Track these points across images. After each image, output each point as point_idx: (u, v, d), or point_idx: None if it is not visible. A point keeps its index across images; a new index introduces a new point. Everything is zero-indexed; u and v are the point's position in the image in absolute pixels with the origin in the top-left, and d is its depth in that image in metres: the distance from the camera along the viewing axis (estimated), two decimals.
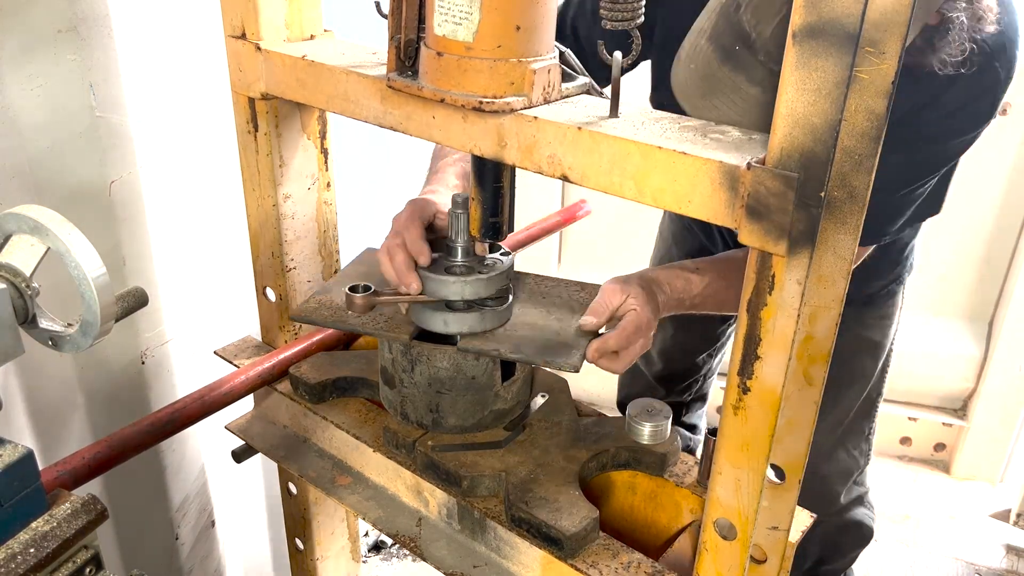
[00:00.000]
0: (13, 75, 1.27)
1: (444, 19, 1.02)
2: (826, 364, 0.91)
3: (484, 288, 1.24)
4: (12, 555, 0.86)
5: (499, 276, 1.26)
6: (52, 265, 0.89)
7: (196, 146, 1.65)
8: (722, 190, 0.89)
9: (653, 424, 1.27)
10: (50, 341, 0.94)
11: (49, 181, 1.37)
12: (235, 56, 1.33)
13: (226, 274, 1.80)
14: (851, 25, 0.75)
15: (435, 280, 1.23)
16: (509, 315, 1.30)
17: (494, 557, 1.24)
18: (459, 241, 1.26)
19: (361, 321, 1.30)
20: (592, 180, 1.00)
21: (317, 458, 1.44)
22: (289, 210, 1.46)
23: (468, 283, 1.23)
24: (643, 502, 1.33)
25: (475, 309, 1.25)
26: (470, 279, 1.23)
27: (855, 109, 0.78)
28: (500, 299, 1.28)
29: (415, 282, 1.24)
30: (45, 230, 0.87)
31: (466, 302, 1.25)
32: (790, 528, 1.02)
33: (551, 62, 1.06)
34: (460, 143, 1.10)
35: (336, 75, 1.21)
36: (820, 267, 0.86)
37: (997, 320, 2.96)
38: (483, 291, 1.24)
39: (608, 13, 0.96)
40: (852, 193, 0.82)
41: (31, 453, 0.89)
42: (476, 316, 1.25)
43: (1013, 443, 3.03)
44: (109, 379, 1.59)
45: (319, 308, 1.35)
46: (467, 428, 1.31)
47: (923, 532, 2.85)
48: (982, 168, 2.77)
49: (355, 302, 1.20)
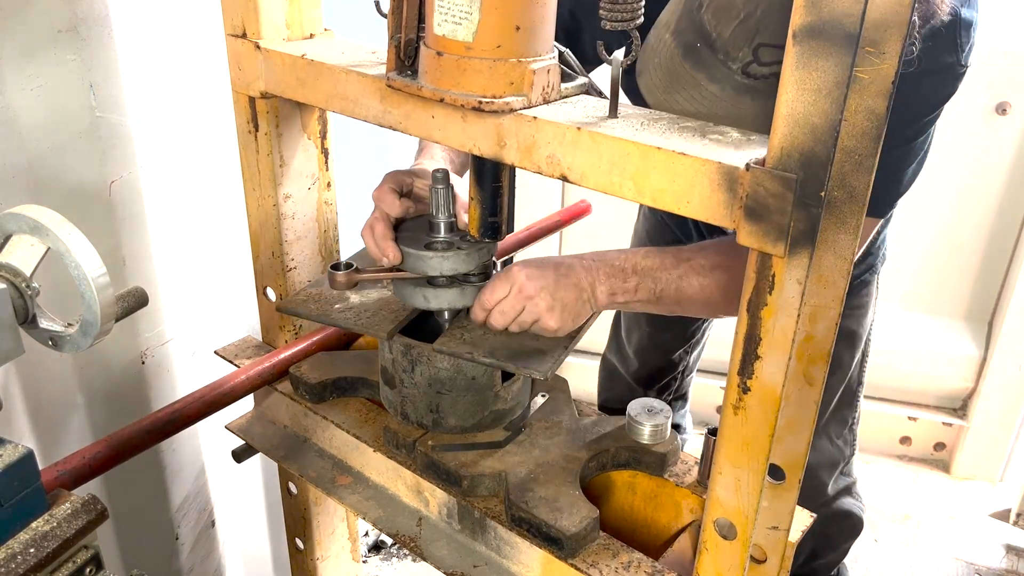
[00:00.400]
0: (13, 75, 1.27)
1: (444, 19, 1.02)
2: (826, 364, 0.91)
3: (464, 263, 1.24)
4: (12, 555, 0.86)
5: (480, 251, 1.25)
6: (52, 265, 0.89)
7: (196, 146, 1.65)
8: (721, 191, 0.89)
9: (653, 424, 1.27)
10: (50, 341, 0.94)
11: (49, 181, 1.37)
12: (235, 55, 1.33)
13: (226, 274, 1.80)
14: (851, 25, 0.75)
15: (415, 256, 1.23)
16: None
17: (494, 557, 1.24)
18: (440, 217, 1.25)
19: (344, 316, 1.30)
20: (591, 180, 1.00)
21: (317, 458, 1.44)
22: (289, 210, 1.46)
23: (448, 258, 1.22)
24: (643, 502, 1.33)
25: (456, 285, 1.25)
26: (450, 254, 1.22)
27: (855, 109, 0.78)
28: (483, 275, 1.27)
29: (392, 250, 1.23)
30: (45, 230, 0.87)
31: (447, 278, 1.25)
32: (790, 528, 1.02)
33: (550, 62, 1.06)
34: (459, 143, 1.10)
35: (336, 74, 1.21)
36: (820, 267, 0.86)
37: (997, 320, 2.96)
38: (463, 266, 1.24)
39: (608, 14, 0.96)
40: (852, 193, 0.82)
41: (31, 453, 0.89)
42: (457, 292, 1.25)
43: (1013, 443, 3.03)
44: (109, 379, 1.59)
45: (307, 301, 1.35)
46: (467, 428, 1.31)
47: (923, 532, 2.85)
48: (982, 168, 2.77)
49: (337, 279, 1.21)
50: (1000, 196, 2.81)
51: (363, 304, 1.33)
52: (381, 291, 1.36)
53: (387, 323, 1.28)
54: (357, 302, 1.34)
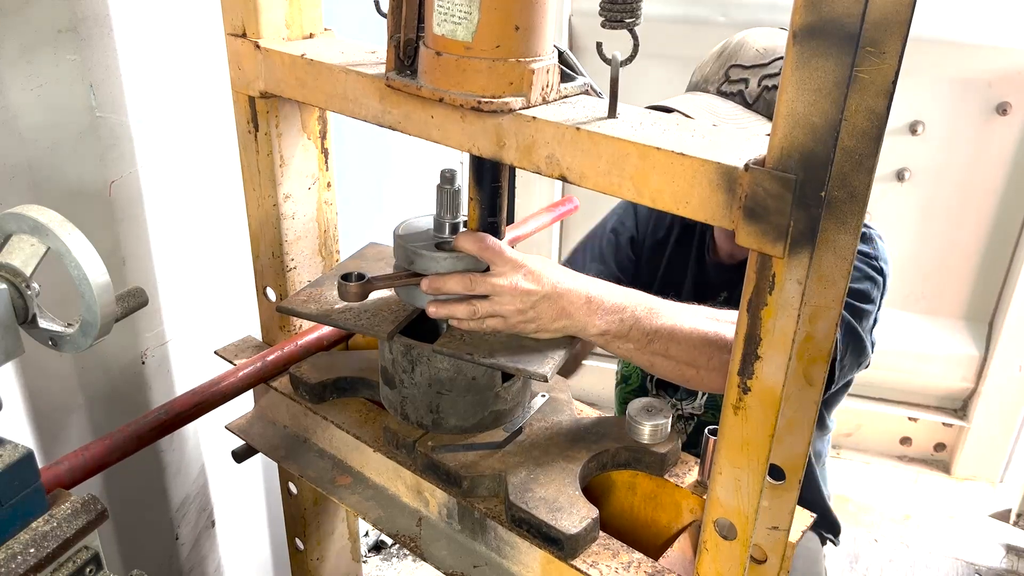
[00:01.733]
0: (13, 75, 1.27)
1: (443, 19, 1.02)
2: (826, 364, 0.91)
3: (473, 264, 1.22)
4: (12, 555, 0.86)
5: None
6: (52, 265, 0.89)
7: (196, 146, 1.65)
8: (720, 191, 0.89)
9: (653, 424, 1.27)
10: (50, 341, 0.94)
11: (49, 181, 1.37)
12: (235, 55, 1.33)
13: (226, 274, 1.80)
14: (851, 25, 0.75)
15: (424, 256, 1.22)
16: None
17: (494, 557, 1.24)
18: (448, 217, 1.24)
19: (344, 316, 1.29)
20: (591, 180, 1.00)
21: (317, 458, 1.44)
22: (289, 210, 1.46)
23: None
24: (643, 502, 1.33)
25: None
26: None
27: (855, 109, 0.78)
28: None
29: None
30: (45, 230, 0.87)
31: None
32: (790, 528, 1.02)
33: (550, 62, 1.06)
34: (458, 143, 1.09)
35: (335, 74, 1.21)
36: (820, 267, 0.86)
37: (997, 320, 2.96)
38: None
39: (607, 13, 0.96)
40: (852, 193, 0.82)
41: (31, 453, 0.89)
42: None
43: (1013, 443, 3.03)
44: (109, 379, 1.59)
45: (307, 301, 1.33)
46: (467, 429, 1.31)
47: (923, 532, 2.85)
48: (982, 168, 2.77)
49: (349, 290, 1.19)
50: (1000, 196, 2.81)
51: (363, 304, 1.32)
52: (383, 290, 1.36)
53: (387, 323, 1.27)
54: (357, 303, 1.33)
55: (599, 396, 3.20)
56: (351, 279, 1.19)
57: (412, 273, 1.23)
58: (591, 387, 3.19)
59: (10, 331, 0.89)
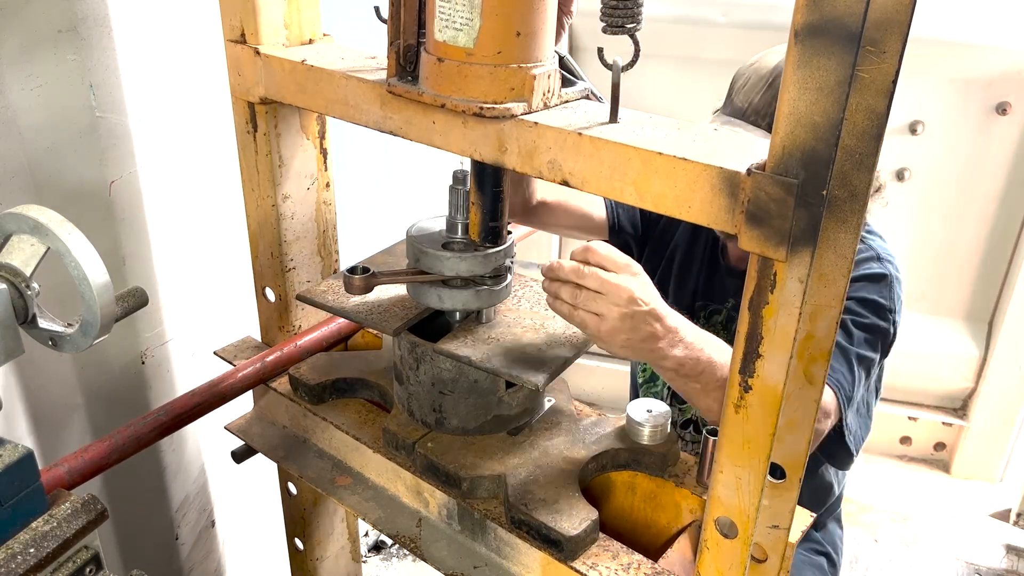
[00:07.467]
0: (13, 75, 1.27)
1: (445, 25, 1.02)
2: (827, 363, 0.91)
3: (480, 265, 1.22)
4: (12, 555, 0.86)
5: (496, 254, 1.23)
6: (52, 265, 0.89)
7: (196, 146, 1.65)
8: (722, 196, 0.89)
9: (653, 424, 1.27)
10: (50, 341, 0.94)
11: (49, 181, 1.37)
12: (234, 61, 1.33)
13: (226, 274, 1.80)
14: (853, 24, 0.75)
15: (432, 256, 1.22)
16: (507, 294, 1.29)
17: (494, 558, 1.24)
18: (458, 218, 1.25)
19: (357, 310, 1.30)
20: (593, 185, 1.00)
21: (317, 458, 1.44)
22: (288, 210, 1.46)
23: (464, 259, 1.21)
24: (643, 502, 1.33)
25: (471, 287, 1.24)
26: (466, 255, 1.21)
27: (856, 108, 0.78)
28: (497, 278, 1.26)
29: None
30: (45, 230, 0.87)
31: (462, 279, 1.24)
32: (791, 527, 1.02)
33: (551, 67, 1.05)
34: (460, 148, 1.09)
35: (336, 80, 1.21)
36: (821, 266, 0.86)
37: (997, 320, 2.96)
38: (480, 268, 1.23)
39: (608, 19, 0.96)
40: (853, 192, 0.82)
41: (31, 453, 0.89)
42: (471, 294, 1.24)
43: (1013, 443, 3.03)
44: (109, 379, 1.59)
45: (326, 292, 1.36)
46: (469, 431, 1.30)
47: (923, 532, 2.85)
48: (982, 168, 2.77)
49: (353, 283, 1.19)
50: (1000, 196, 2.80)
51: (378, 300, 1.33)
52: (400, 288, 1.36)
53: (396, 320, 1.28)
54: (373, 298, 1.34)
55: (599, 396, 3.20)
56: (356, 272, 1.20)
57: (418, 270, 1.24)
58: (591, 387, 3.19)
59: (10, 331, 0.89)
